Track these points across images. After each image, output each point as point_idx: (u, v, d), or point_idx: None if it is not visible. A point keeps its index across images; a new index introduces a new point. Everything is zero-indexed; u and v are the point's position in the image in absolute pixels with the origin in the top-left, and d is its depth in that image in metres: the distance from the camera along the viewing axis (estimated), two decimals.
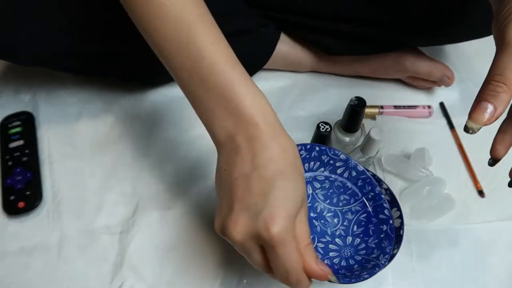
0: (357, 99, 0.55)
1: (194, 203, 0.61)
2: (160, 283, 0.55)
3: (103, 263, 0.56)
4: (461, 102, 0.73)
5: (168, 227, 0.59)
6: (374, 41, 0.67)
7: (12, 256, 0.57)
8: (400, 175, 0.64)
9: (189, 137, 0.68)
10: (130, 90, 0.72)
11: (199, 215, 0.60)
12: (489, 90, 0.32)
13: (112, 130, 0.69)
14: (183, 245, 0.58)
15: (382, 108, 0.70)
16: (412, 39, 0.67)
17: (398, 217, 0.53)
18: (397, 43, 0.68)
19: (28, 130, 0.67)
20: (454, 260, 0.57)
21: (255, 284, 0.55)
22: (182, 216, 0.60)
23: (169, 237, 0.58)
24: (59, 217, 0.60)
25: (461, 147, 0.67)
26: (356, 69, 0.74)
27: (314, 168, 0.54)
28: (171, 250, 0.57)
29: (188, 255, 0.57)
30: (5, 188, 0.61)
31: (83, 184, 0.63)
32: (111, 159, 0.65)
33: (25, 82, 0.73)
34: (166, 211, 0.60)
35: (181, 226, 0.59)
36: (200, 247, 0.57)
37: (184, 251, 0.57)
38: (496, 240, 0.59)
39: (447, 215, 0.61)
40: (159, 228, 0.59)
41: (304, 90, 0.74)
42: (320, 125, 0.54)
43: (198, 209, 0.61)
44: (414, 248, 0.58)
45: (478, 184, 0.63)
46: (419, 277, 0.56)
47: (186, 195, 0.62)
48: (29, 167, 0.63)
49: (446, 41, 0.71)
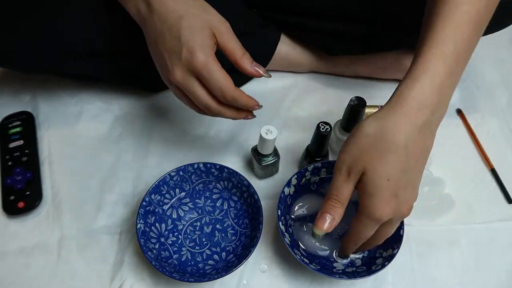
0: (357, 99, 0.55)
1: None
2: (160, 283, 0.55)
3: (103, 263, 0.56)
4: (461, 102, 0.73)
5: None
6: (374, 40, 0.66)
7: (12, 256, 0.57)
8: None
9: (189, 137, 0.68)
10: (130, 90, 0.72)
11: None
12: (329, 205, 0.42)
13: (112, 130, 0.69)
14: None
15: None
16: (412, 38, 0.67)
17: None
18: (397, 42, 0.68)
19: (28, 130, 0.67)
20: (454, 260, 0.57)
21: (255, 285, 0.55)
22: None
23: None
24: (59, 217, 0.60)
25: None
26: (356, 69, 0.74)
27: (229, 187, 0.59)
28: None
29: None
30: (5, 188, 0.61)
31: (83, 184, 0.63)
32: (111, 159, 0.65)
33: (25, 82, 0.73)
34: None
35: None
36: None
37: None
38: (496, 240, 0.59)
39: (447, 215, 0.61)
40: None
41: (304, 90, 0.74)
42: (320, 125, 0.54)
43: None
44: (414, 248, 0.58)
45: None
46: (419, 277, 0.56)
47: None
48: (29, 167, 0.63)
49: None
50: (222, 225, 0.58)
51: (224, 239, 0.57)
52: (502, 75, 0.78)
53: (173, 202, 0.59)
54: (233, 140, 0.68)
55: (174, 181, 0.58)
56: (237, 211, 0.59)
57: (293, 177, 0.56)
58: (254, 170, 0.63)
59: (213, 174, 0.59)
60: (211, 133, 0.68)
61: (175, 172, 0.58)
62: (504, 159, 0.66)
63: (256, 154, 0.58)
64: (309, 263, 0.51)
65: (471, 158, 0.67)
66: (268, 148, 0.56)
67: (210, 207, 0.59)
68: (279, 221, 0.53)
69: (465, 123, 0.70)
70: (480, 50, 0.80)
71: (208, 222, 0.58)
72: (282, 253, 0.57)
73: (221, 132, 0.68)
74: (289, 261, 0.56)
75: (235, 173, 0.57)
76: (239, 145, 0.67)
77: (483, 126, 0.70)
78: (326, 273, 0.50)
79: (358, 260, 0.54)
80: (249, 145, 0.64)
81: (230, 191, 0.60)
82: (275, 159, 0.58)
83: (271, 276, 0.56)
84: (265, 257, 0.57)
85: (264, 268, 0.56)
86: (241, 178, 0.57)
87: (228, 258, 0.55)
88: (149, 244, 0.53)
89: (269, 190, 0.62)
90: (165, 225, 0.57)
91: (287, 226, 0.54)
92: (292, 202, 0.57)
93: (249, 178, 0.63)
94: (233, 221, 0.58)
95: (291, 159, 0.66)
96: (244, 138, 0.68)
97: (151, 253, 0.52)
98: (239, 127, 0.68)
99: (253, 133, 0.68)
